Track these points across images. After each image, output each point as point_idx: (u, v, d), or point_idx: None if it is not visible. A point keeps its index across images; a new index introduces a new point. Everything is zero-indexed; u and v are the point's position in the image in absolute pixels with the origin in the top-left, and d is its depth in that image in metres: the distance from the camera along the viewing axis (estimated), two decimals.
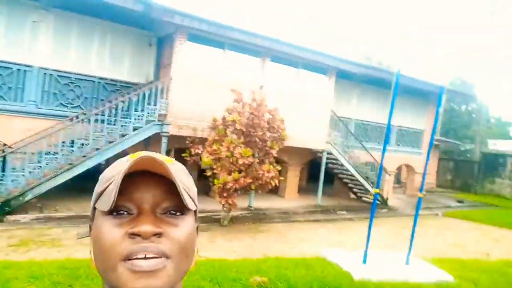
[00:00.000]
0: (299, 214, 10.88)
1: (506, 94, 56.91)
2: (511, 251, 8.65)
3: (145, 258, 0.58)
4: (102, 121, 8.94)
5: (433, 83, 14.46)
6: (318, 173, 12.40)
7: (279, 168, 8.89)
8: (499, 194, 20.95)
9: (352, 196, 14.15)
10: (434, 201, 16.41)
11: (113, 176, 0.63)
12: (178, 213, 0.64)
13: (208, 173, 8.59)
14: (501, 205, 17.34)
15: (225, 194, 8.34)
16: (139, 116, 9.23)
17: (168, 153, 12.41)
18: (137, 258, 0.58)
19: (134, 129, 9.16)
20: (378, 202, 12.84)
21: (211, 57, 10.22)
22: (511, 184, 20.60)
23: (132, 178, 0.62)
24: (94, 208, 0.66)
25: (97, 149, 8.74)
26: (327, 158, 12.43)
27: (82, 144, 8.69)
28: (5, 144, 8.54)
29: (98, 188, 0.66)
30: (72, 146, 8.61)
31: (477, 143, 26.17)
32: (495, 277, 5.75)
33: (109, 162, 11.34)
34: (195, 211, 0.69)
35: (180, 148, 10.46)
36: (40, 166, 8.13)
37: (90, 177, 10.38)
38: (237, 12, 55.70)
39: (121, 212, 0.62)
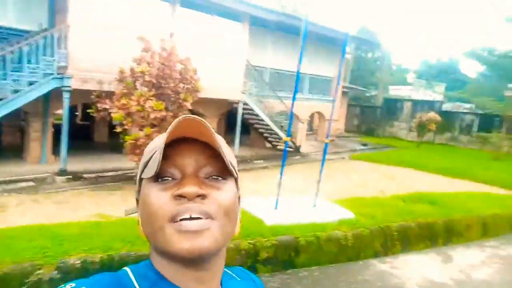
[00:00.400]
0: None
1: (406, 43, 61.79)
2: (401, 186, 9.84)
3: (190, 218, 0.60)
4: None
5: (340, 30, 14.98)
6: (235, 124, 12.53)
7: None
8: (397, 136, 23.36)
9: (268, 145, 14.66)
10: (342, 145, 17.75)
11: (156, 146, 0.65)
12: (220, 178, 0.65)
13: (118, 130, 8.16)
14: (398, 145, 19.39)
15: (137, 151, 8.04)
16: (34, 69, 8.25)
17: (73, 108, 11.48)
18: (183, 219, 0.60)
19: (30, 83, 8.21)
20: (291, 149, 13.52)
21: (114, 1, 9.32)
22: (407, 126, 23.02)
23: (175, 146, 0.64)
24: (140, 180, 0.68)
25: None
26: (243, 109, 12.54)
27: None
28: None
29: (143, 160, 0.68)
30: None
31: (380, 89, 28.37)
32: (387, 210, 6.52)
33: (1, 122, 10.16)
34: (236, 180, 0.70)
35: (87, 104, 9.72)
36: None
37: None
38: None
39: (166, 178, 0.64)
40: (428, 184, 10.48)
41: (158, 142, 0.65)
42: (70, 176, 8.51)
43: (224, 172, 0.66)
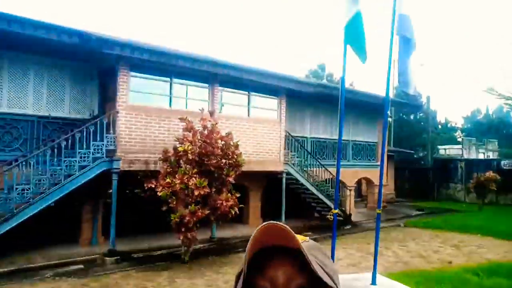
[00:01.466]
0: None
1: (450, 100, 60.71)
2: (469, 256, 8.80)
3: None
4: (45, 163, 8.30)
5: (379, 95, 14.87)
6: (281, 195, 12.23)
7: (238, 195, 8.62)
8: (454, 198, 21.78)
9: (317, 215, 14.06)
10: (395, 211, 16.71)
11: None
12: None
13: (164, 208, 8.16)
14: (456, 208, 17.96)
15: (183, 229, 7.93)
16: (84, 154, 8.67)
17: (119, 190, 11.73)
18: None
19: (81, 168, 8.59)
20: (341, 218, 12.82)
21: (157, 87, 9.91)
22: (463, 187, 21.50)
23: (268, 255, 0.63)
24: None
25: (41, 193, 8.07)
26: (287, 179, 12.31)
27: (23, 190, 7.98)
28: None
29: (237, 271, 0.68)
30: (9, 193, 7.86)
31: (428, 150, 27.25)
32: (457, 286, 5.73)
33: (56, 205, 10.54)
34: None
35: (134, 184, 9.94)
36: None
37: (39, 222, 9.56)
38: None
39: None
40: (500, 252, 9.33)
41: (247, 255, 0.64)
42: (119, 257, 8.46)
43: (318, 283, 0.60)
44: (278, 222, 0.60)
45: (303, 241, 0.65)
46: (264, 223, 0.61)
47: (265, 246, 0.63)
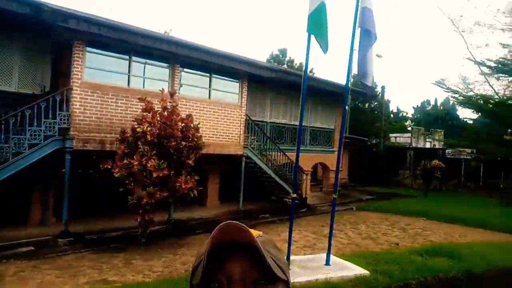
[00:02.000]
0: (221, 222, 10.64)
1: (403, 89, 63.41)
2: (414, 238, 9.42)
3: None
4: None
5: (338, 83, 15.27)
6: (239, 178, 12.32)
7: (197, 177, 8.59)
8: (403, 184, 23.01)
9: (274, 198, 14.34)
10: (348, 196, 17.39)
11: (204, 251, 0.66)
12: (267, 283, 0.65)
13: (121, 189, 7.98)
14: (404, 194, 19.03)
15: (140, 211, 7.81)
16: (35, 132, 8.23)
17: (74, 170, 11.29)
18: None
19: (31, 146, 8.15)
20: (297, 202, 13.16)
21: (115, 65, 9.52)
22: (411, 174, 22.76)
23: (225, 251, 0.66)
24: (192, 286, 0.69)
25: None
26: (247, 162, 12.41)
27: None
28: None
29: (193, 264, 0.70)
30: None
31: (381, 137, 28.39)
32: (405, 267, 6.11)
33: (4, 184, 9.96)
34: (287, 284, 0.69)
35: (89, 164, 9.61)
36: None
37: None
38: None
39: (213, 285, 0.65)
40: (441, 234, 10.06)
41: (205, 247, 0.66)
42: (72, 238, 8.21)
43: (271, 278, 0.64)
44: (236, 222, 0.64)
45: (258, 236, 0.68)
46: (223, 222, 0.64)
47: (223, 241, 0.65)
